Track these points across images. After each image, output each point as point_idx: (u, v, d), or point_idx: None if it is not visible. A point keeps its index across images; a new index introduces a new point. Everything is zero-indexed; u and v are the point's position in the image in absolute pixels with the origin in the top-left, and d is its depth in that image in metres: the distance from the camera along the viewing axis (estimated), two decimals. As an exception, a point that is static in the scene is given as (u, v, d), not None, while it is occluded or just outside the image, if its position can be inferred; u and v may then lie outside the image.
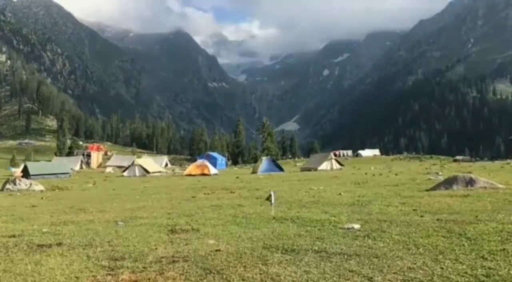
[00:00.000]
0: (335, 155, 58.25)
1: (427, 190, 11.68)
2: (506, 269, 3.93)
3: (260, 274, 4.07)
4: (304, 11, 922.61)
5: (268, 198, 7.91)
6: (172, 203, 11.20)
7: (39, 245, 5.72)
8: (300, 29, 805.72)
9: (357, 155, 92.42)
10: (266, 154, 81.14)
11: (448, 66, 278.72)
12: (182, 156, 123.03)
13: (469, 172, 16.63)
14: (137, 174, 39.46)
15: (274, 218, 7.39)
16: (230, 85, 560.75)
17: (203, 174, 33.62)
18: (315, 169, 38.27)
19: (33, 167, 42.77)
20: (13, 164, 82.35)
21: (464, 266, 4.07)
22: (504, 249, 4.61)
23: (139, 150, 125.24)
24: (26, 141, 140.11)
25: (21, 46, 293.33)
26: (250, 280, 3.95)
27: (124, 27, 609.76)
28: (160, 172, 44.19)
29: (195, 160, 56.04)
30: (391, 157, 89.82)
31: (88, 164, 77.03)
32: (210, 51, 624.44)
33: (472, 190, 10.62)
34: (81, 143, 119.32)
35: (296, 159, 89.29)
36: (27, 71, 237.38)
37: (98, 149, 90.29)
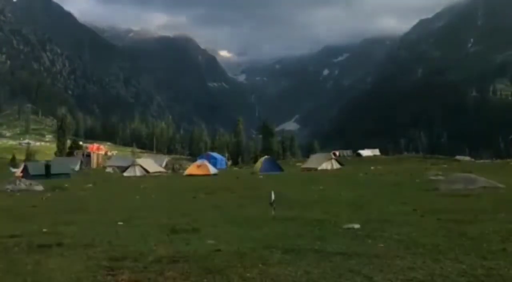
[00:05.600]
0: (334, 155, 58.19)
1: (427, 190, 11.68)
2: (506, 269, 3.92)
3: (260, 274, 4.07)
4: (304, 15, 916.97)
5: (272, 202, 7.88)
6: (172, 203, 11.20)
7: (39, 245, 5.71)
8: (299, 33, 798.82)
9: (357, 155, 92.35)
10: (266, 153, 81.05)
11: (447, 66, 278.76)
12: (182, 156, 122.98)
13: (469, 172, 16.63)
14: (137, 174, 39.46)
15: (274, 218, 7.38)
16: (230, 85, 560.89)
17: (203, 174, 33.57)
18: (315, 169, 38.22)
19: (33, 167, 42.75)
20: (13, 164, 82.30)
21: (464, 266, 4.07)
22: (504, 249, 4.61)
23: (139, 150, 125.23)
24: (26, 141, 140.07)
25: (21, 46, 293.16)
26: (250, 280, 3.94)
27: (124, 27, 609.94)
28: (160, 172, 44.22)
29: (195, 160, 56.01)
30: (391, 156, 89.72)
31: (88, 164, 77.03)
32: (209, 50, 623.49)
33: (472, 190, 10.62)
34: (81, 143, 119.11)
35: (294, 159, 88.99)
36: (27, 71, 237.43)
37: (98, 149, 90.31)
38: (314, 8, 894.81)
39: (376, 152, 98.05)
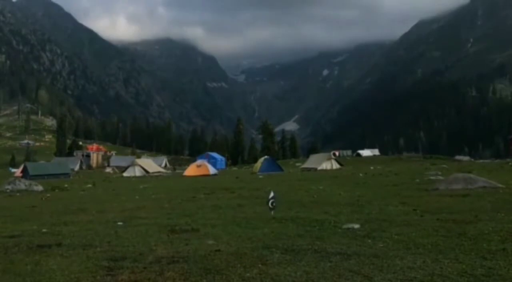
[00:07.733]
0: (334, 155, 58.19)
1: (427, 190, 11.68)
2: (506, 269, 3.92)
3: (260, 274, 4.07)
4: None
5: (268, 202, 7.85)
6: (172, 203, 11.20)
7: (38, 246, 5.71)
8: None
9: (357, 155, 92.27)
10: (266, 153, 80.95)
11: (447, 66, 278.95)
12: (182, 156, 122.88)
13: (469, 172, 16.63)
14: (137, 174, 39.44)
15: (274, 218, 7.38)
16: (229, 85, 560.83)
17: (203, 174, 33.54)
18: (315, 169, 38.21)
19: (32, 167, 42.76)
20: (13, 164, 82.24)
21: (464, 266, 4.07)
22: (504, 249, 4.61)
23: (139, 150, 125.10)
24: (26, 141, 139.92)
25: (21, 47, 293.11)
26: (250, 280, 3.94)
27: (124, 28, 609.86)
28: (159, 172, 44.18)
29: (195, 160, 55.97)
30: (391, 156, 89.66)
31: (87, 164, 77.00)
32: (209, 51, 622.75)
33: (472, 190, 10.62)
34: (80, 143, 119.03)
35: (293, 159, 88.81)
36: (27, 71, 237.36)
37: (97, 149, 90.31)
38: (314, 9, 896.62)
39: (376, 152, 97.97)
